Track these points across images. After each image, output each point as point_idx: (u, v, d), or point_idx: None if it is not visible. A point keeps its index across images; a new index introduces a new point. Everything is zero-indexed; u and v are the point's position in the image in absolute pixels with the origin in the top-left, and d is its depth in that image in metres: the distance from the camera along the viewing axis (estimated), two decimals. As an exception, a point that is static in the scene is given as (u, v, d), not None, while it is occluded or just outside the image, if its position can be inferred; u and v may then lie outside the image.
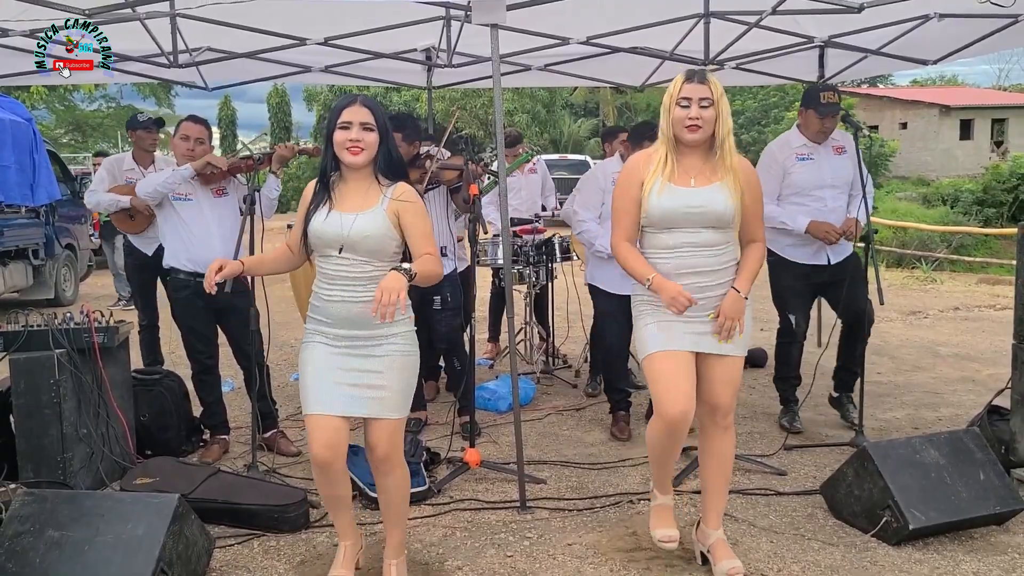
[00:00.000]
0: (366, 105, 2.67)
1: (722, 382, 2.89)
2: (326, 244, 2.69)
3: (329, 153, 2.72)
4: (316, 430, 2.69)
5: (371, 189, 2.73)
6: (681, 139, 2.84)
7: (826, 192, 4.35)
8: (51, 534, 2.73)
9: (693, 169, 2.86)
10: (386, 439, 2.74)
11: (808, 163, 4.37)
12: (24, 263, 9.16)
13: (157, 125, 5.56)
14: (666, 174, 2.84)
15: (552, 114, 31.89)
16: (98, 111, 29.72)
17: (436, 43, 5.29)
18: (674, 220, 2.83)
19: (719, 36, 4.98)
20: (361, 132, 2.65)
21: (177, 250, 4.14)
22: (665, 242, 2.86)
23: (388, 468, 2.79)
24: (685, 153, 2.87)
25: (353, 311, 2.68)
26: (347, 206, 2.70)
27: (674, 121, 2.82)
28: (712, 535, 3.00)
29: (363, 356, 2.70)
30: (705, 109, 2.78)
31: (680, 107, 2.80)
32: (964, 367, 6.24)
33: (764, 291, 3.94)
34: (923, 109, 29.59)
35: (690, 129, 2.80)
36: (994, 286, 10.90)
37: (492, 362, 6.34)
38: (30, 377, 3.60)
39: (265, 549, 3.26)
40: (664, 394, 2.81)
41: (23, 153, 8.07)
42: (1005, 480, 3.32)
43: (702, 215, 2.82)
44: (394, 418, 2.74)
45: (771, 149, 4.55)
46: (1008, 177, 19.88)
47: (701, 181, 2.84)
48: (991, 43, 5.05)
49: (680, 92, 2.80)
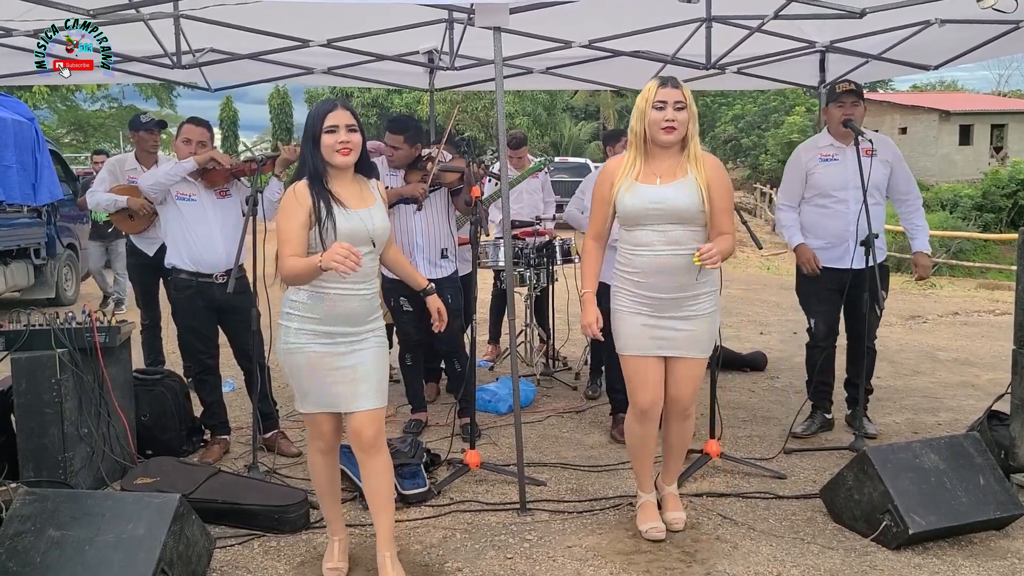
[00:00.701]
0: (347, 108, 2.80)
1: (683, 381, 3.21)
2: (358, 241, 2.75)
3: (317, 156, 2.77)
4: (322, 422, 2.90)
5: (362, 186, 2.89)
6: (656, 140, 3.03)
7: (850, 194, 4.27)
8: (52, 533, 2.74)
9: (661, 169, 3.07)
10: (372, 425, 2.84)
11: (832, 164, 4.35)
12: (25, 262, 9.16)
13: (159, 127, 5.56)
14: (634, 174, 3.07)
15: (553, 117, 31.95)
16: (100, 111, 29.73)
17: (439, 45, 5.30)
18: (640, 217, 3.05)
19: (721, 40, 4.98)
20: (348, 134, 2.77)
21: (179, 250, 4.15)
22: (637, 239, 3.09)
23: (375, 451, 2.87)
24: (656, 155, 3.08)
25: (352, 306, 2.80)
26: (355, 204, 2.81)
27: (650, 124, 3.01)
28: (666, 489, 3.44)
29: (347, 353, 2.82)
30: (680, 111, 2.98)
31: (656, 110, 2.99)
32: (963, 372, 6.25)
33: (760, 295, 3.95)
34: (923, 114, 29.65)
35: (666, 131, 2.99)
36: (993, 291, 10.93)
37: (492, 364, 6.34)
38: (32, 376, 3.60)
39: (265, 549, 3.26)
40: (638, 387, 3.20)
41: (25, 153, 8.08)
42: (1005, 485, 3.32)
43: (665, 211, 3.02)
44: (380, 406, 2.87)
45: (798, 151, 4.56)
46: (1007, 183, 19.93)
47: (667, 179, 3.05)
48: (992, 49, 5.06)
49: (655, 96, 2.99)
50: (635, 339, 3.16)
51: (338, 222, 2.72)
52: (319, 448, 2.97)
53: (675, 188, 3.02)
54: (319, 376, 2.80)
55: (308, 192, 2.76)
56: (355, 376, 2.81)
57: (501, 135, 3.67)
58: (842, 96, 4.31)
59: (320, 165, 2.77)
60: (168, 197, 4.14)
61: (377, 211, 2.85)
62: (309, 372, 2.80)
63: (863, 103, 4.37)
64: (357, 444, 2.86)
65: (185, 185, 4.13)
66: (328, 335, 2.79)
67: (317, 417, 2.89)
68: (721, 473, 3.98)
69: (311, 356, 2.79)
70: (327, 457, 2.99)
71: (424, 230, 4.51)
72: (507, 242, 3.81)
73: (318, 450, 2.97)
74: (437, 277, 4.51)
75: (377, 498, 2.93)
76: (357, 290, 2.79)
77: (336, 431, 2.95)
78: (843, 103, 4.30)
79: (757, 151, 28.67)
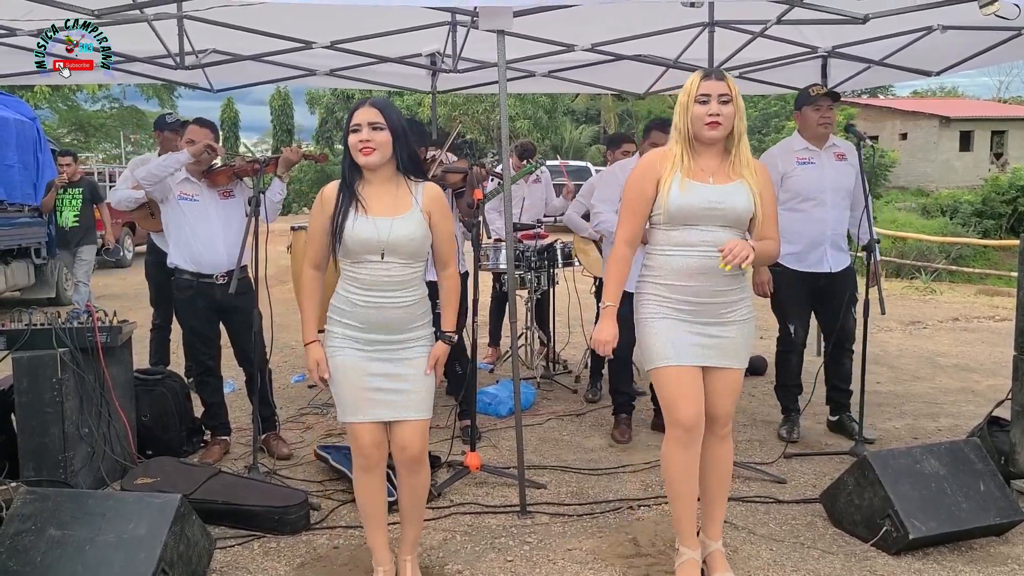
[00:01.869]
0: (375, 106, 2.67)
1: (723, 394, 2.88)
2: (367, 250, 2.66)
3: (347, 159, 2.72)
4: (361, 434, 2.76)
5: (400, 190, 2.73)
6: (700, 136, 2.77)
7: (827, 197, 4.34)
8: (52, 533, 2.74)
9: (710, 168, 2.80)
10: (418, 438, 2.78)
11: (809, 167, 4.37)
12: (26, 262, 9.17)
13: (184, 127, 5.58)
14: (683, 170, 2.78)
15: (554, 120, 31.92)
16: (101, 111, 29.68)
17: (441, 48, 5.31)
18: (692, 216, 2.76)
19: (723, 45, 4.99)
20: (371, 132, 2.64)
21: (181, 250, 4.15)
22: (679, 239, 2.80)
23: (418, 467, 2.83)
24: (701, 152, 2.81)
25: (389, 315, 2.70)
26: (380, 210, 2.68)
27: (693, 118, 2.76)
28: (711, 546, 2.98)
29: (391, 360, 2.74)
30: (725, 105, 2.73)
31: (699, 103, 2.74)
32: (963, 378, 6.25)
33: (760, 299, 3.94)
34: (923, 120, 29.66)
35: (710, 125, 2.74)
36: (993, 297, 10.92)
37: (492, 367, 6.34)
38: (33, 376, 3.60)
39: (265, 550, 3.26)
40: (678, 399, 2.80)
41: (27, 152, 8.09)
42: (1005, 491, 3.32)
43: (723, 212, 2.76)
44: (425, 418, 2.80)
45: (772, 152, 4.56)
46: (1007, 189, 19.93)
47: (720, 179, 2.79)
48: (993, 55, 5.08)
49: (699, 89, 2.74)
50: (673, 348, 2.79)
51: (347, 230, 2.65)
52: (360, 465, 2.82)
53: (732, 189, 2.77)
54: (355, 382, 2.71)
55: (334, 194, 2.73)
56: (398, 385, 2.73)
57: (504, 138, 3.67)
58: (819, 99, 4.31)
59: (349, 165, 2.72)
60: (171, 196, 4.13)
61: (404, 221, 2.67)
62: (345, 377, 2.72)
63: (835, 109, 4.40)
64: (401, 459, 2.79)
65: (188, 185, 4.13)
66: (368, 342, 2.71)
67: (356, 429, 2.76)
68: (721, 477, 3.97)
69: (348, 360, 2.72)
70: (369, 476, 2.82)
71: None
72: (509, 245, 3.82)
73: (359, 467, 2.83)
74: None
75: (413, 511, 2.90)
76: (391, 299, 2.69)
77: (377, 446, 2.78)
78: (820, 106, 4.30)
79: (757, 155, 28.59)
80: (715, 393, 2.87)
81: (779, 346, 4.63)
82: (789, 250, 4.39)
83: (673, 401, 2.81)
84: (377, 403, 2.73)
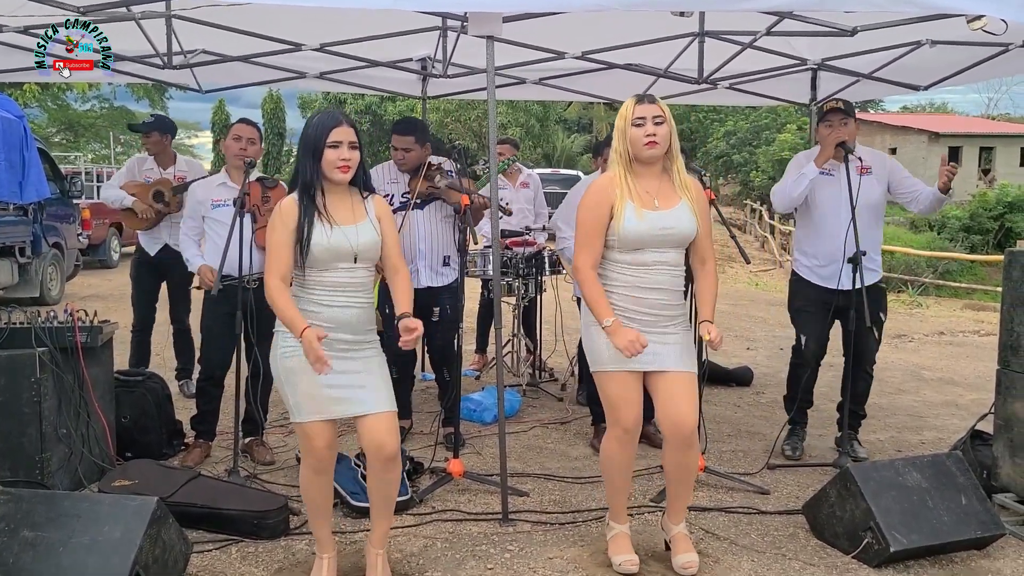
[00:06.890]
0: (350, 124, 2.79)
1: (681, 397, 2.99)
2: (338, 257, 2.77)
3: (316, 170, 2.76)
4: (316, 435, 2.79)
5: (355, 201, 2.87)
6: (639, 157, 2.99)
7: (843, 211, 4.13)
8: (25, 534, 2.70)
9: (652, 189, 3.02)
10: (393, 437, 2.81)
11: (827, 179, 4.26)
12: (10, 261, 9.10)
13: (146, 127, 5.57)
14: (631, 197, 2.99)
15: (546, 128, 32.01)
16: (91, 111, 29.58)
17: (432, 53, 5.30)
18: (644, 242, 2.99)
19: (713, 55, 5.01)
20: (349, 151, 2.76)
21: (210, 253, 4.23)
22: (631, 260, 3.01)
23: (394, 464, 2.85)
24: (640, 174, 3.03)
25: (353, 315, 2.81)
26: (343, 219, 2.79)
27: (632, 141, 2.98)
28: (674, 528, 3.17)
29: (351, 359, 2.81)
30: (659, 126, 2.95)
31: (635, 126, 2.96)
32: (948, 391, 6.27)
33: (748, 310, 3.95)
34: (912, 135, 29.92)
35: (649, 145, 2.95)
36: (979, 312, 11.00)
37: (478, 373, 6.32)
38: (10, 375, 3.56)
39: (243, 555, 3.22)
40: (621, 402, 3.01)
41: (13, 150, 8.02)
42: (986, 505, 3.33)
43: (672, 236, 3.00)
44: (393, 410, 2.83)
45: (799, 158, 4.50)
46: (995, 205, 20.12)
47: (664, 203, 3.01)
48: (981, 71, 5.10)
49: (634, 113, 2.97)
50: (619, 353, 2.94)
51: (316, 240, 2.72)
52: (311, 466, 2.85)
53: (677, 213, 3.00)
54: (315, 379, 2.70)
55: (295, 207, 2.76)
56: (361, 381, 2.79)
57: (492, 142, 3.67)
58: (829, 115, 4.24)
59: (316, 178, 2.77)
60: (206, 206, 4.27)
61: (365, 228, 2.81)
62: (304, 376, 2.72)
63: (854, 120, 4.26)
64: (378, 457, 2.80)
65: (224, 191, 4.25)
66: (329, 342, 2.71)
67: (311, 429, 2.76)
68: (704, 487, 3.96)
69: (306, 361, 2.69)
70: (320, 477, 2.87)
71: (427, 236, 4.50)
72: (495, 251, 3.80)
73: (311, 468, 2.86)
74: (437, 285, 4.49)
75: (384, 505, 2.93)
76: (356, 300, 2.82)
77: (331, 448, 2.83)
78: (831, 122, 4.22)
79: (748, 167, 28.81)
80: (673, 397, 2.99)
81: (792, 357, 4.57)
82: (807, 263, 4.38)
83: (616, 404, 3.03)
84: (339, 400, 2.77)
